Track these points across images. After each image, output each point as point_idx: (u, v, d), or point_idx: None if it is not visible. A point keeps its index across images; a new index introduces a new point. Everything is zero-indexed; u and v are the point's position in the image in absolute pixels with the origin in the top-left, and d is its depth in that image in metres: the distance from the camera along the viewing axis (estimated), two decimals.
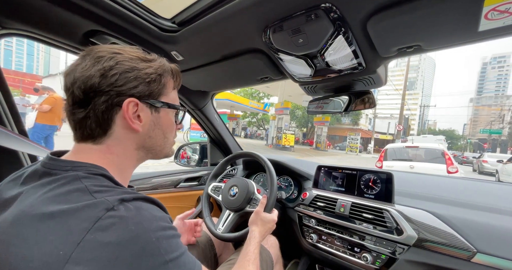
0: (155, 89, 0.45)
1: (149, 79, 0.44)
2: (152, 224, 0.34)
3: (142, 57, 0.45)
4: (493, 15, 0.50)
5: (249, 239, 0.71)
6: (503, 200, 0.84)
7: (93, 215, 0.31)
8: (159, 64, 0.47)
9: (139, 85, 0.43)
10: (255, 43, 0.82)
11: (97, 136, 0.42)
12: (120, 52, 0.42)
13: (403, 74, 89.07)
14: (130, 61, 0.42)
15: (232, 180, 1.00)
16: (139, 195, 0.38)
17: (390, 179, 0.92)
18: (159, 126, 0.48)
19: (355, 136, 22.75)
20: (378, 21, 0.59)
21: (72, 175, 0.37)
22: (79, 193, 0.34)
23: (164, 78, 0.47)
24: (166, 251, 0.34)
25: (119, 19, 0.75)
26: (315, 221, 1.04)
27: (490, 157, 13.24)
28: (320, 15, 0.61)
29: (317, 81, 0.97)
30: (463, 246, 0.68)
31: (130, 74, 0.42)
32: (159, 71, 0.46)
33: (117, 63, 0.41)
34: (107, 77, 0.40)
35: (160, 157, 0.51)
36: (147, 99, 0.45)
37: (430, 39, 0.63)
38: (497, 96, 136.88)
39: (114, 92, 0.41)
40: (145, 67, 0.44)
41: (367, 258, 0.84)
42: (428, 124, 67.19)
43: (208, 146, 1.69)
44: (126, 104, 0.41)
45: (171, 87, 0.50)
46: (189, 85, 1.30)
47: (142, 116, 0.45)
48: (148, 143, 0.47)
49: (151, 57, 0.47)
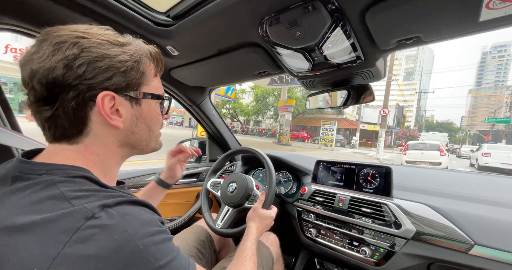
0: (133, 79, 0.39)
1: (124, 68, 0.37)
2: (139, 231, 0.31)
3: (114, 41, 0.37)
4: (494, 4, 0.48)
5: (246, 235, 0.72)
6: (501, 192, 0.85)
7: (70, 226, 0.28)
8: (134, 48, 0.40)
9: (113, 76, 0.37)
10: (251, 37, 0.80)
11: (71, 135, 0.37)
12: (85, 36, 0.35)
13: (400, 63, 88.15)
14: (99, 46, 0.35)
15: (231, 176, 1.00)
16: (123, 198, 0.34)
17: (389, 173, 0.92)
18: (142, 119, 0.43)
19: (330, 125, 17.39)
20: (377, 12, 0.58)
21: (47, 180, 0.32)
22: (54, 201, 0.30)
23: (143, 65, 0.40)
24: (155, 258, 0.31)
25: (111, 13, 0.73)
26: (314, 216, 1.04)
27: (494, 149, 11.11)
28: (317, 7, 0.59)
29: (315, 75, 0.96)
30: (461, 238, 0.69)
31: (101, 63, 0.35)
32: (136, 57, 0.39)
33: (83, 50, 0.34)
34: (72, 68, 0.34)
35: (146, 152, 0.47)
36: (125, 91, 0.39)
37: (430, 30, 0.62)
38: (497, 86, 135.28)
39: (84, 86, 0.35)
40: (119, 53, 0.37)
41: (365, 252, 0.85)
42: (426, 116, 66.62)
43: (206, 142, 1.69)
44: (101, 99, 0.36)
45: (152, 74, 0.43)
46: (185, 81, 1.28)
47: (122, 111, 0.39)
48: (132, 139, 0.43)
49: (125, 39, 0.40)
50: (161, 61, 0.46)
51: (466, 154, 20.78)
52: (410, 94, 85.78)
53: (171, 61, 1.05)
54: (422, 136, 24.79)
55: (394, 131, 31.59)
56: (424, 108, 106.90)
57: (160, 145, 0.50)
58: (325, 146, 17.52)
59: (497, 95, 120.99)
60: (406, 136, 31.99)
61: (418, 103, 60.70)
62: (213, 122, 1.53)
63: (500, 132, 51.33)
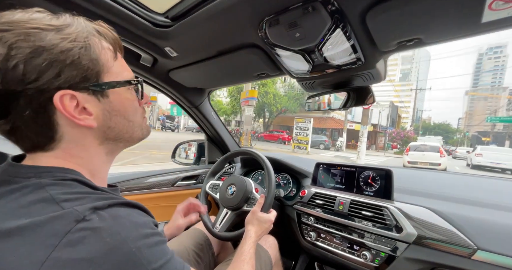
0: (87, 69, 0.33)
1: (71, 58, 0.31)
2: (132, 233, 0.30)
3: (45, 26, 0.30)
4: (497, 5, 0.47)
5: (244, 238, 0.70)
6: (504, 196, 0.84)
7: (60, 229, 0.27)
8: (76, 30, 0.32)
9: (61, 72, 0.31)
10: (251, 38, 0.79)
11: (43, 144, 0.34)
12: (7, 28, 0.29)
13: (396, 63, 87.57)
14: (28, 38, 0.29)
15: (230, 179, 0.98)
16: (115, 200, 0.33)
17: (389, 176, 0.91)
18: (115, 112, 0.38)
19: (304, 123, 13.60)
20: (378, 13, 0.57)
21: (35, 183, 0.31)
22: (43, 204, 0.29)
23: (93, 49, 0.34)
24: (148, 261, 0.30)
25: (109, 14, 0.72)
26: (314, 219, 1.03)
27: (486, 151, 12.21)
28: (317, 8, 0.58)
29: (315, 77, 0.95)
30: (463, 243, 0.68)
31: (39, 59, 0.29)
32: (81, 42, 0.32)
33: (11, 47, 0.28)
34: (7, 72, 0.28)
35: (134, 142, 0.43)
36: (84, 85, 0.33)
37: (431, 31, 0.61)
38: (493, 88, 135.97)
39: (31, 90, 0.30)
40: (57, 42, 0.30)
41: (366, 256, 0.84)
42: (422, 118, 66.01)
43: (205, 144, 1.67)
44: (59, 101, 0.31)
45: (109, 57, 0.36)
46: (184, 82, 1.27)
47: (89, 108, 0.35)
48: (111, 134, 0.39)
49: (60, 21, 0.32)
50: (116, 39, 0.38)
51: (460, 155, 22.89)
52: (407, 95, 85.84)
53: (170, 63, 1.04)
54: (418, 140, 23.81)
55: (387, 132, 28.84)
56: (421, 108, 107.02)
57: (148, 131, 0.46)
58: (298, 149, 13.62)
59: (494, 95, 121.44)
60: (400, 137, 27.73)
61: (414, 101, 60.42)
62: (212, 124, 1.52)
63: (502, 133, 47.84)
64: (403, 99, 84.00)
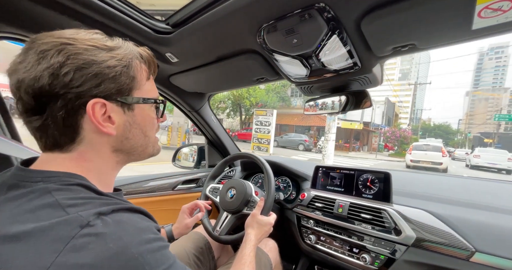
0: (123, 84, 0.38)
1: (113, 73, 0.36)
2: (135, 238, 0.31)
3: (101, 46, 0.36)
4: (486, 13, 0.49)
5: (244, 242, 0.71)
6: (502, 198, 0.84)
7: (65, 235, 0.28)
8: (124, 52, 0.38)
9: (102, 83, 0.35)
10: (249, 44, 0.81)
11: (63, 144, 0.37)
12: (71, 42, 0.34)
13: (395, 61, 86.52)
14: (85, 52, 0.34)
15: (230, 182, 0.99)
16: (119, 205, 0.34)
17: (388, 179, 0.92)
18: (136, 125, 0.42)
19: (265, 116, 10.02)
20: (372, 20, 0.59)
21: (42, 188, 0.32)
22: (49, 209, 0.30)
23: (133, 69, 0.39)
24: (151, 266, 0.31)
25: (112, 21, 0.74)
26: (313, 222, 1.04)
27: (483, 152, 12.98)
28: (313, 15, 0.60)
29: (313, 81, 0.96)
30: (462, 245, 0.68)
31: (88, 70, 0.34)
32: (125, 62, 0.38)
33: (69, 58, 0.33)
34: (58, 77, 0.33)
35: (143, 157, 0.46)
36: (116, 98, 0.38)
37: (424, 37, 0.63)
38: (494, 88, 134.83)
39: (72, 94, 0.34)
40: (107, 59, 0.36)
41: (366, 259, 0.84)
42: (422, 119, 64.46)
43: (205, 147, 1.68)
44: (91, 107, 0.35)
45: (144, 77, 0.42)
46: (185, 87, 1.29)
47: (114, 117, 0.38)
48: (127, 146, 0.42)
49: (113, 43, 0.38)
50: (154, 63, 0.44)
51: (459, 157, 23.61)
52: (406, 95, 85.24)
53: (171, 68, 1.06)
54: (419, 141, 21.72)
55: (381, 131, 24.81)
56: (420, 107, 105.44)
57: (158, 150, 0.49)
58: (259, 150, 10.09)
59: (496, 94, 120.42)
60: (396, 136, 23.69)
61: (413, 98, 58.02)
62: (212, 128, 1.53)
63: (508, 135, 43.21)
64: (402, 99, 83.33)
